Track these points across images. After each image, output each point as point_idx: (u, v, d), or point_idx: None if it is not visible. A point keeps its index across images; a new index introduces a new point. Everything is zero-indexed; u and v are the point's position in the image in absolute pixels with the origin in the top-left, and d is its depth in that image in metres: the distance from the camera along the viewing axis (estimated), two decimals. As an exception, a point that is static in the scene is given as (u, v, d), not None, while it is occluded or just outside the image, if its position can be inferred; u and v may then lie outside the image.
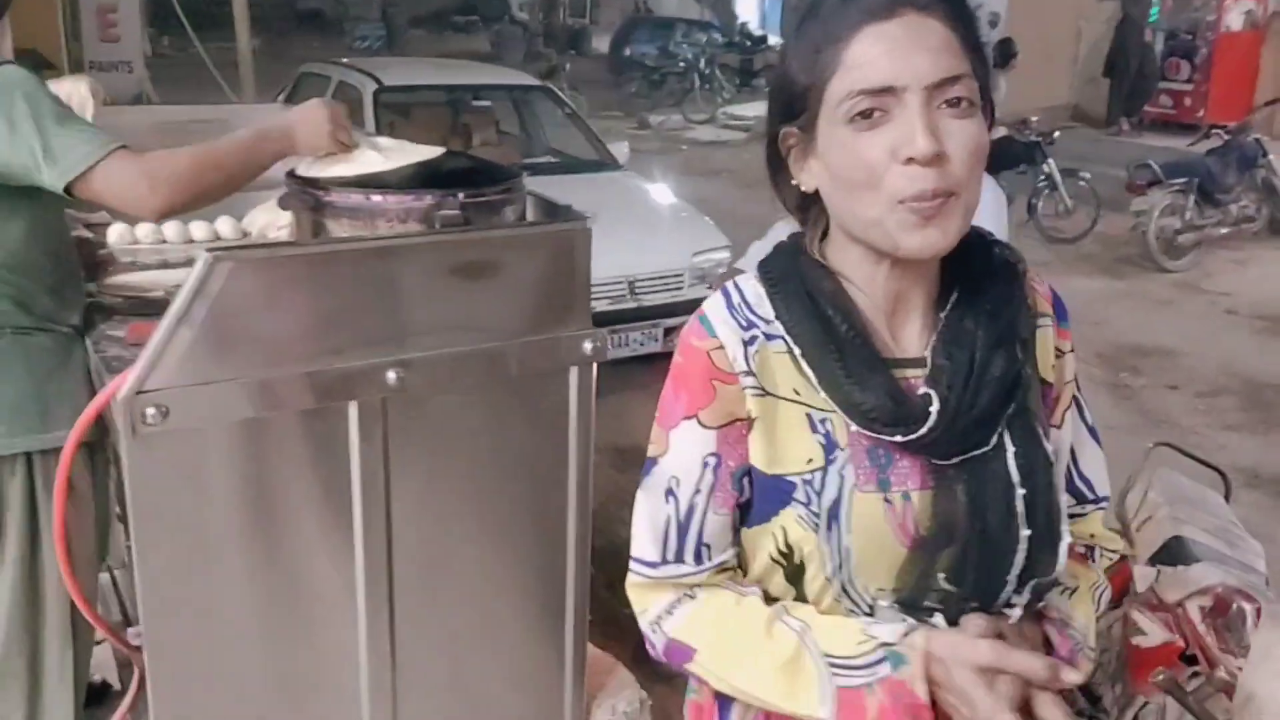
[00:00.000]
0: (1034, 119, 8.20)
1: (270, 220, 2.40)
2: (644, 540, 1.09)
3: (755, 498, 1.05)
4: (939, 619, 1.01)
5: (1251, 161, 7.86)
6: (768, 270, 1.08)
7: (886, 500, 1.01)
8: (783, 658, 1.01)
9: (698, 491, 1.05)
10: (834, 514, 1.00)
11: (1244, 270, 7.72)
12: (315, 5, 32.33)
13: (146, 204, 1.73)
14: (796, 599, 1.05)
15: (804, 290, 1.04)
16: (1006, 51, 8.38)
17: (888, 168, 0.94)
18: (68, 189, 1.71)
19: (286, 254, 1.63)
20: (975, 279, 1.06)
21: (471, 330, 1.76)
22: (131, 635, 2.11)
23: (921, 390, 1.01)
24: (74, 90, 2.42)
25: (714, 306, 1.07)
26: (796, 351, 1.02)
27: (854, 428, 1.01)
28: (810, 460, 1.02)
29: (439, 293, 1.72)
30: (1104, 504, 1.21)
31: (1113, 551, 1.23)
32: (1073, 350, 1.15)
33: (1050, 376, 1.11)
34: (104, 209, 2.09)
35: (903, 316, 1.06)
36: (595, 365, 1.88)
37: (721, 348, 1.04)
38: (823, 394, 1.01)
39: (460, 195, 1.79)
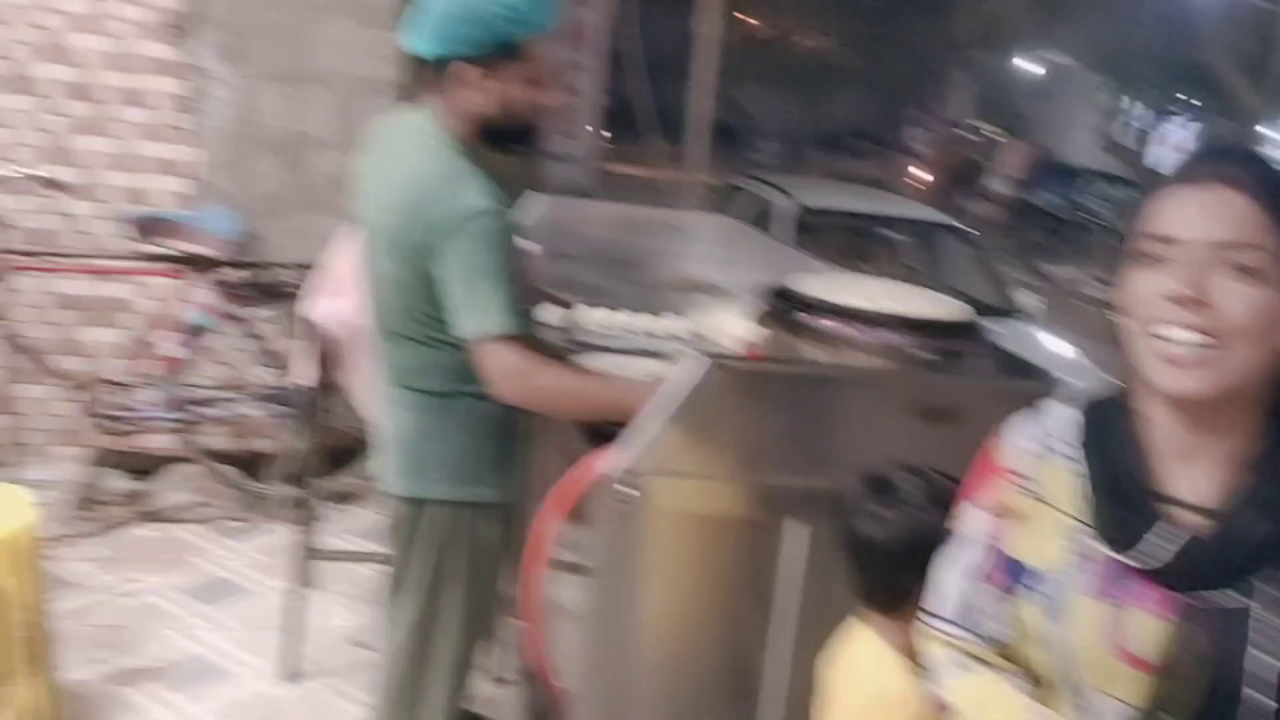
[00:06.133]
0: None
1: (723, 326, 2.55)
2: (947, 600, 1.22)
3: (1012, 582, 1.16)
4: None
5: None
6: (1092, 404, 1.16)
7: (1115, 609, 1.06)
8: None
9: (979, 569, 1.18)
10: (1062, 608, 1.09)
11: None
12: (731, 121, 34.19)
13: (498, 392, 1.93)
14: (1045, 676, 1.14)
15: (1108, 424, 1.12)
16: None
17: (1151, 300, 1.02)
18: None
19: (780, 371, 1.72)
20: None
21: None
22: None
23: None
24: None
25: (1019, 416, 1.20)
26: (1086, 475, 1.10)
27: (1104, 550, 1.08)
28: (1058, 560, 1.11)
29: (896, 429, 1.74)
30: None
31: None
32: None
33: None
34: None
35: (1193, 458, 1.07)
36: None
37: (1011, 445, 1.17)
38: (1091, 518, 1.09)
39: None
